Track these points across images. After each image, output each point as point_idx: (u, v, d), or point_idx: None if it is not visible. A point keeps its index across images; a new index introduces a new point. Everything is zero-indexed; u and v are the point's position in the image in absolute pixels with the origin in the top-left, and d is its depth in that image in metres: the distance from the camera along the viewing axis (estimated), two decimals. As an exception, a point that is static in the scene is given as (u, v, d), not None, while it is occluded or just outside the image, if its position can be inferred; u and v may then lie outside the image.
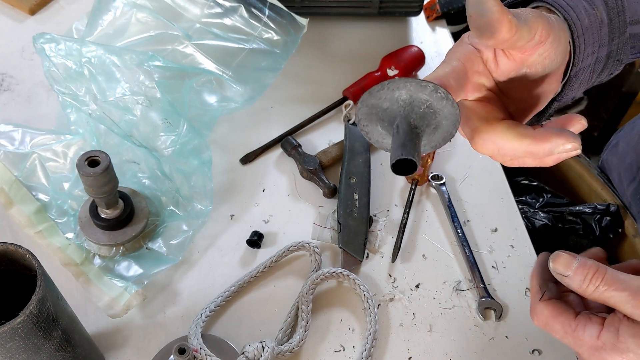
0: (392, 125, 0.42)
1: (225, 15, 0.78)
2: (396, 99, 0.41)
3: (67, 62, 0.68)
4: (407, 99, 0.41)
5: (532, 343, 0.65)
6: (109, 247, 0.67)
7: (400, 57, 0.87)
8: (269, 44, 0.77)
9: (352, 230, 0.71)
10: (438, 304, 0.68)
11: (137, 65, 0.69)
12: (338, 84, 0.86)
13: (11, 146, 0.73)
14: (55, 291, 0.51)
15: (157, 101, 0.69)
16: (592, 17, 0.53)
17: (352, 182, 0.75)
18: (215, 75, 0.74)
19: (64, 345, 0.52)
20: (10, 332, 0.45)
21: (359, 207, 0.72)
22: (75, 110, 0.71)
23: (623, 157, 0.86)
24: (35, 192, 0.71)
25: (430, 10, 0.97)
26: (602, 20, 0.54)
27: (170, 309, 0.66)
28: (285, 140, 0.79)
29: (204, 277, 0.69)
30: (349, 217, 0.72)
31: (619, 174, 0.88)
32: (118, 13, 0.75)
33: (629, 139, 0.85)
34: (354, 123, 0.81)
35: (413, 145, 0.41)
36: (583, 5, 0.53)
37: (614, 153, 0.88)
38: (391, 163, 0.40)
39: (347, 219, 0.72)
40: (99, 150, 0.60)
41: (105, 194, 0.62)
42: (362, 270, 0.70)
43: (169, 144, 0.69)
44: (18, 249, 0.48)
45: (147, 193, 0.71)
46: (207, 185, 0.71)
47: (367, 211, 0.72)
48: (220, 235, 0.72)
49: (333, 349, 0.64)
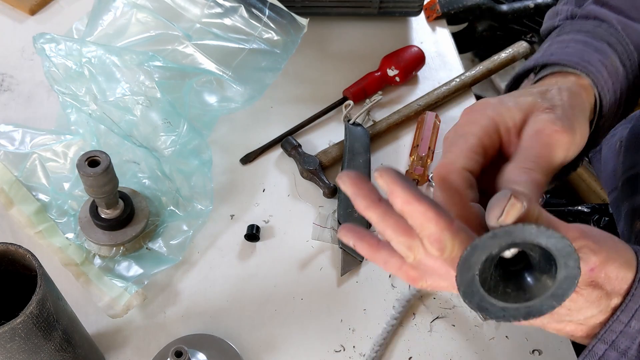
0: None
1: (225, 15, 0.78)
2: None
3: (67, 62, 0.68)
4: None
5: (532, 343, 0.65)
6: (109, 247, 0.67)
7: (400, 57, 0.87)
8: (269, 44, 0.77)
9: (352, 230, 0.71)
10: (438, 304, 0.68)
11: (137, 66, 0.69)
12: (338, 84, 0.86)
13: (11, 146, 0.73)
14: (56, 291, 0.51)
15: (157, 101, 0.69)
16: (608, 67, 0.53)
17: (352, 182, 0.75)
18: (215, 76, 0.74)
19: (64, 345, 0.52)
20: (11, 332, 0.45)
21: (359, 207, 0.72)
22: (76, 110, 0.71)
23: (605, 163, 0.85)
24: (36, 192, 0.71)
25: (430, 10, 0.97)
26: (617, 68, 0.54)
27: (171, 309, 0.66)
28: (285, 140, 0.79)
29: (204, 277, 0.69)
30: (349, 217, 0.72)
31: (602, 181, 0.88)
32: (118, 13, 0.75)
33: (611, 145, 0.85)
34: (354, 123, 0.81)
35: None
36: (597, 58, 0.52)
37: (597, 159, 0.88)
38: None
39: (347, 219, 0.71)
40: (99, 150, 0.60)
41: (105, 194, 0.62)
42: (362, 271, 0.70)
43: (169, 144, 0.69)
44: (18, 249, 0.48)
45: (147, 193, 0.71)
46: (207, 185, 0.71)
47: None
48: (220, 235, 0.72)
49: (333, 349, 0.65)
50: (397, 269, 0.43)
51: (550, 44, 0.57)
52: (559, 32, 0.59)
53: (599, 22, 0.57)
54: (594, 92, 0.52)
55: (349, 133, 0.79)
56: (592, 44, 0.54)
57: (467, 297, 0.37)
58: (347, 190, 0.40)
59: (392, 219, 0.40)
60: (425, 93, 0.86)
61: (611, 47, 0.55)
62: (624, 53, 0.55)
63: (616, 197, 0.82)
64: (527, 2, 1.34)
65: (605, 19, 0.57)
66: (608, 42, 0.55)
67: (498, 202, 0.36)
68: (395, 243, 0.40)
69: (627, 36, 0.56)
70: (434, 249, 0.38)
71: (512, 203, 0.35)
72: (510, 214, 0.35)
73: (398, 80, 0.86)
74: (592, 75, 0.51)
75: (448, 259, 0.38)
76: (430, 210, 0.37)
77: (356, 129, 0.80)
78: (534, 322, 0.42)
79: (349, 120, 0.81)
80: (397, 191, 0.37)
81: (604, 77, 0.52)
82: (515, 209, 0.35)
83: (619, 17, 0.57)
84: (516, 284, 0.38)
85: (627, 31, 0.56)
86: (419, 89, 0.88)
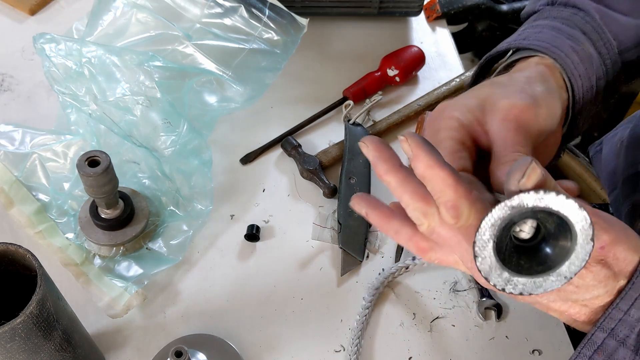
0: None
1: (225, 15, 0.77)
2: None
3: (67, 62, 0.68)
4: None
5: (532, 343, 0.65)
6: (109, 247, 0.67)
7: (400, 57, 0.87)
8: (269, 44, 0.77)
9: (352, 230, 0.71)
10: (438, 304, 0.68)
11: (137, 66, 0.69)
12: (338, 84, 0.86)
13: (11, 146, 0.73)
14: (55, 291, 0.51)
15: (157, 101, 0.69)
16: (580, 52, 0.54)
17: (352, 182, 0.75)
18: (215, 76, 0.74)
19: (64, 345, 0.52)
20: (11, 332, 0.45)
21: (359, 207, 0.72)
22: (76, 110, 0.71)
23: (606, 163, 0.85)
24: (36, 192, 0.71)
25: (430, 10, 0.97)
26: (591, 55, 0.55)
27: (171, 309, 0.66)
28: (285, 140, 0.79)
29: (204, 277, 0.69)
30: (349, 217, 0.72)
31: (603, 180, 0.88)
32: (118, 13, 0.75)
33: (611, 145, 0.85)
34: (354, 123, 0.81)
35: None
36: (568, 44, 0.54)
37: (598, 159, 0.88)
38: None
39: (347, 219, 0.72)
40: (99, 150, 0.60)
41: (105, 194, 0.62)
42: (362, 271, 0.70)
43: (169, 144, 0.69)
44: (18, 249, 0.48)
45: (147, 193, 0.71)
46: (207, 185, 0.71)
47: (367, 211, 0.72)
48: (220, 235, 0.72)
49: (333, 349, 0.64)
50: (408, 239, 0.44)
51: (525, 28, 0.59)
52: (536, 18, 0.61)
53: (577, 10, 0.58)
54: (561, 74, 0.53)
55: (349, 133, 0.79)
56: (566, 30, 0.55)
57: (483, 267, 0.37)
58: (369, 154, 0.41)
59: (411, 185, 0.40)
60: (425, 93, 0.86)
61: (585, 34, 0.56)
62: (599, 40, 0.56)
63: (617, 196, 0.82)
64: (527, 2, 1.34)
65: (583, 8, 0.58)
66: (582, 30, 0.56)
67: (519, 167, 0.37)
68: (411, 209, 0.41)
69: (605, 25, 0.57)
70: (449, 216, 0.38)
71: (533, 167, 0.36)
72: (532, 177, 0.36)
73: (398, 80, 0.86)
74: (560, 59, 0.52)
75: (462, 228, 0.39)
76: (451, 177, 0.38)
77: (356, 129, 0.80)
78: (540, 299, 0.42)
79: (349, 120, 0.81)
80: (421, 155, 0.38)
81: (573, 62, 0.53)
82: (536, 174, 0.36)
83: (598, 6, 0.58)
84: (529, 257, 0.39)
85: (605, 20, 0.57)
86: (419, 89, 0.88)
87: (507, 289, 0.38)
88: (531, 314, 0.67)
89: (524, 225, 0.38)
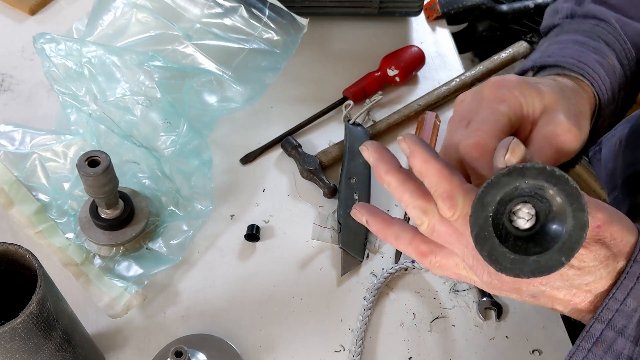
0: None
1: (225, 15, 0.77)
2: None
3: (67, 62, 0.68)
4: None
5: (532, 343, 0.65)
6: (109, 247, 0.67)
7: (400, 57, 0.87)
8: (269, 44, 0.77)
9: (352, 230, 0.71)
10: (438, 304, 0.68)
11: (137, 66, 0.69)
12: (338, 84, 0.86)
13: (11, 146, 0.73)
14: (56, 291, 0.51)
15: (157, 101, 0.69)
16: (605, 66, 0.54)
17: (352, 182, 0.75)
18: (215, 75, 0.74)
19: (64, 345, 0.52)
20: (11, 332, 0.45)
21: (359, 207, 0.72)
22: (76, 110, 0.71)
23: (605, 163, 0.86)
24: (36, 192, 0.71)
25: (430, 10, 0.97)
26: (614, 66, 0.55)
27: (171, 309, 0.66)
28: (285, 140, 0.79)
29: (204, 277, 0.69)
30: (349, 217, 0.72)
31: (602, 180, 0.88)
32: (118, 13, 0.75)
33: (610, 145, 0.85)
34: (354, 123, 0.81)
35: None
36: (594, 58, 0.54)
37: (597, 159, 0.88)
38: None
39: (348, 219, 0.72)
40: (99, 151, 0.60)
41: (105, 194, 0.62)
42: (362, 271, 0.70)
43: (169, 144, 0.69)
44: (18, 249, 0.48)
45: (147, 193, 0.71)
46: (207, 185, 0.71)
47: (367, 211, 0.72)
48: (220, 235, 0.72)
49: (333, 349, 0.65)
50: (408, 243, 0.45)
51: (548, 44, 0.58)
52: (557, 32, 0.60)
53: (598, 21, 0.58)
54: (592, 93, 0.53)
55: (349, 133, 0.79)
56: (590, 44, 0.55)
57: (479, 242, 0.38)
58: (370, 157, 0.43)
59: (411, 184, 0.42)
60: (425, 93, 0.86)
61: (609, 46, 0.56)
62: (621, 51, 0.57)
63: (616, 196, 0.82)
64: (527, 2, 1.34)
65: (604, 18, 0.58)
66: (606, 42, 0.56)
67: (504, 144, 0.38)
68: (412, 207, 0.42)
69: (625, 34, 0.57)
70: (446, 207, 0.40)
71: (516, 142, 0.37)
72: (516, 151, 0.37)
73: (398, 80, 0.86)
74: (588, 76, 0.53)
75: (460, 218, 0.40)
76: (446, 168, 0.40)
77: (356, 129, 0.80)
78: (544, 287, 0.42)
79: (349, 120, 0.81)
80: (417, 151, 0.41)
81: (601, 77, 0.53)
82: (520, 149, 0.37)
83: (618, 16, 0.58)
84: (526, 239, 0.39)
85: (625, 29, 0.57)
86: (419, 89, 0.88)
87: (506, 272, 0.38)
88: (531, 314, 0.67)
89: (519, 211, 0.38)
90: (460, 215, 0.40)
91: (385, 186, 0.44)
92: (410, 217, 0.44)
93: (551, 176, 0.36)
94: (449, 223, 0.41)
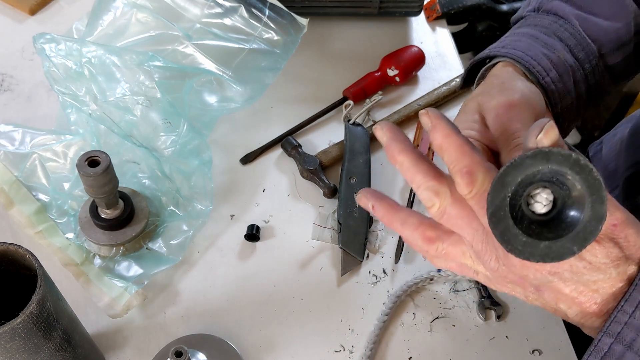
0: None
1: (225, 15, 0.78)
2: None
3: (67, 62, 0.68)
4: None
5: (532, 343, 0.65)
6: (109, 247, 0.67)
7: (400, 57, 0.87)
8: (269, 44, 0.77)
9: (352, 230, 0.71)
10: (438, 304, 0.68)
11: (137, 66, 0.69)
12: (338, 84, 0.86)
13: (11, 146, 0.73)
14: (56, 291, 0.51)
15: (157, 101, 0.69)
16: (554, 59, 0.57)
17: (352, 182, 0.75)
18: (215, 75, 0.74)
19: (64, 345, 0.52)
20: (11, 332, 0.45)
21: (359, 207, 0.72)
22: (76, 110, 0.71)
23: (606, 163, 0.86)
24: (36, 192, 0.71)
25: (430, 10, 0.97)
26: (566, 60, 0.58)
27: (171, 309, 0.66)
28: (285, 140, 0.79)
29: (204, 277, 0.69)
30: (349, 217, 0.72)
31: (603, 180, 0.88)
32: (118, 13, 0.75)
33: (612, 145, 0.85)
34: (354, 123, 0.81)
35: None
36: (541, 52, 0.57)
37: (598, 158, 0.88)
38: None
39: (348, 219, 0.72)
40: (99, 150, 0.60)
41: (105, 194, 0.62)
42: (362, 271, 0.70)
43: (169, 144, 0.69)
44: (18, 249, 0.48)
45: (147, 193, 0.71)
46: (207, 185, 0.71)
47: (367, 211, 0.72)
48: (220, 235, 0.72)
49: (333, 349, 0.64)
50: (414, 228, 0.44)
51: (507, 36, 0.62)
52: (520, 24, 0.64)
53: (557, 17, 0.61)
54: (534, 81, 0.56)
55: (349, 133, 0.79)
56: (542, 39, 0.59)
57: (494, 221, 0.37)
58: (383, 136, 0.42)
59: (424, 164, 0.42)
60: (425, 93, 0.86)
61: (562, 41, 0.59)
62: (577, 46, 0.59)
63: (617, 196, 0.82)
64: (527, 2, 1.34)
65: (563, 15, 0.61)
66: (560, 38, 0.59)
67: (538, 124, 0.37)
68: (424, 189, 0.41)
69: (585, 30, 0.60)
70: (464, 182, 0.39)
71: (551, 124, 0.37)
72: (549, 133, 0.37)
73: (398, 80, 0.86)
74: (531, 67, 0.55)
75: (476, 196, 0.39)
76: (467, 144, 0.39)
77: (356, 129, 0.80)
78: (552, 277, 0.41)
79: (349, 120, 0.81)
80: (439, 125, 0.40)
81: (545, 68, 0.56)
82: (554, 131, 0.37)
83: (578, 13, 0.61)
84: (541, 224, 0.39)
85: (585, 25, 0.60)
86: (419, 89, 0.88)
87: (517, 254, 0.37)
88: (531, 314, 0.67)
89: (537, 196, 0.38)
90: (478, 192, 0.39)
91: (397, 167, 0.43)
92: (420, 199, 0.43)
93: (575, 164, 0.36)
94: (461, 206, 0.41)
